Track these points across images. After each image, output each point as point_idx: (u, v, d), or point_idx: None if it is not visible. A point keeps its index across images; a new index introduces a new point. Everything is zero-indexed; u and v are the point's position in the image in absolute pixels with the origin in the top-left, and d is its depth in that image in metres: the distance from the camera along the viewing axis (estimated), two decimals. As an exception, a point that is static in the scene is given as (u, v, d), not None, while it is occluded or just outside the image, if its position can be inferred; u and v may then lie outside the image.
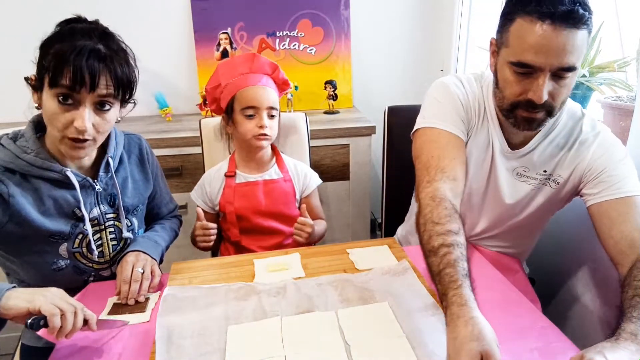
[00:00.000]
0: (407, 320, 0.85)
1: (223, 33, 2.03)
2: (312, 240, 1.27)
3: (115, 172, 1.04)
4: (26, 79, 0.90)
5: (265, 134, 1.24)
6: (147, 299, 0.96)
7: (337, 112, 2.07)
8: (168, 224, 1.23)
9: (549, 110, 0.91)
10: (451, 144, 1.01)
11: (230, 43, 2.04)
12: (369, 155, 1.89)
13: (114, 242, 1.07)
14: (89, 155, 1.00)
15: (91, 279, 1.06)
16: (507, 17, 0.90)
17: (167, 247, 1.17)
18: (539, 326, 0.85)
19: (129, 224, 1.09)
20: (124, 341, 0.84)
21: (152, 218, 1.23)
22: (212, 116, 1.82)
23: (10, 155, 0.92)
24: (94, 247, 1.01)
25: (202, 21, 2.02)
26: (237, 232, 1.31)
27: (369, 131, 1.84)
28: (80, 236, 1.00)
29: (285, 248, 1.25)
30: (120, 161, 1.08)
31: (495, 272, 1.04)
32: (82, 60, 0.83)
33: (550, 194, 1.06)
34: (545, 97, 0.87)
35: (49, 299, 0.75)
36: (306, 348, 0.79)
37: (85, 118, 0.87)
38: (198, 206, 1.28)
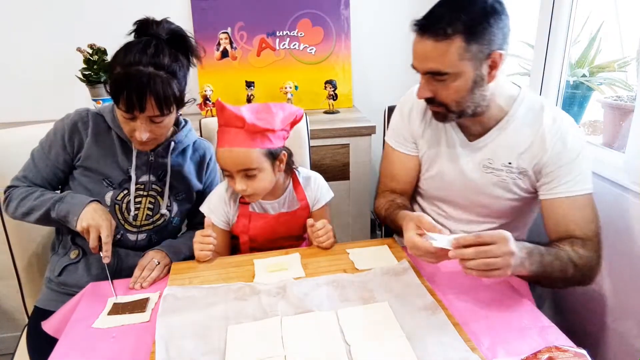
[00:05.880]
0: (407, 320, 0.85)
1: (223, 33, 2.03)
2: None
3: (174, 156, 1.17)
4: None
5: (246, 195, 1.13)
6: (147, 299, 0.97)
7: (337, 112, 2.07)
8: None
9: (446, 106, 1.01)
10: (399, 163, 1.23)
11: (230, 43, 2.05)
12: (369, 155, 1.89)
13: (149, 212, 1.17)
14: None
15: (118, 236, 1.14)
16: None
17: (188, 256, 1.17)
18: (539, 326, 0.85)
19: (169, 205, 1.18)
20: (124, 341, 0.85)
21: (189, 218, 1.31)
22: (212, 116, 1.82)
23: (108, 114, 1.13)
24: (132, 206, 1.13)
25: (202, 21, 2.02)
26: (249, 251, 1.25)
27: (369, 131, 1.84)
28: (125, 191, 1.13)
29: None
30: (183, 152, 1.21)
31: (495, 272, 1.03)
32: (131, 91, 0.97)
33: (521, 185, 1.08)
34: (422, 94, 1.01)
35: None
36: (306, 348, 0.79)
37: (142, 130, 1.03)
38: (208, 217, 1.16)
